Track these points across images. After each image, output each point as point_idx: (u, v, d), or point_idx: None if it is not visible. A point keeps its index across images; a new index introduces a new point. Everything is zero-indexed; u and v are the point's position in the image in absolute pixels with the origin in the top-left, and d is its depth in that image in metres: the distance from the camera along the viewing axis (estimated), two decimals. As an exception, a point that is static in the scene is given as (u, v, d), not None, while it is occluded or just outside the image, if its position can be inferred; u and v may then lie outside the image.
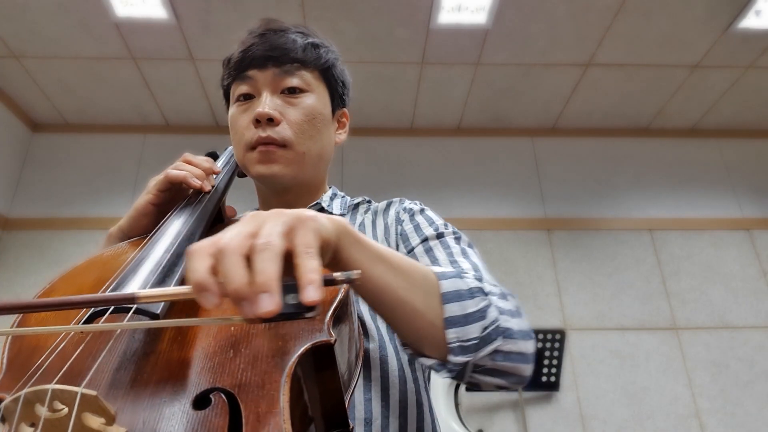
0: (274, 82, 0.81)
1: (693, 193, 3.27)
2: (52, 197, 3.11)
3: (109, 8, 2.51)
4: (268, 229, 0.41)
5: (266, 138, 0.78)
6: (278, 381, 0.43)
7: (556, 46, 2.79)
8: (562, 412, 2.67)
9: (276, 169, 0.80)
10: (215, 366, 0.45)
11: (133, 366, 0.45)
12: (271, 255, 0.39)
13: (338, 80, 0.89)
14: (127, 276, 0.53)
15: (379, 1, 2.53)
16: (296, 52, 0.82)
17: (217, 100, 3.14)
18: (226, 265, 0.38)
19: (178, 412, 0.41)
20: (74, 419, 0.33)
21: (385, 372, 0.70)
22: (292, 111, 0.81)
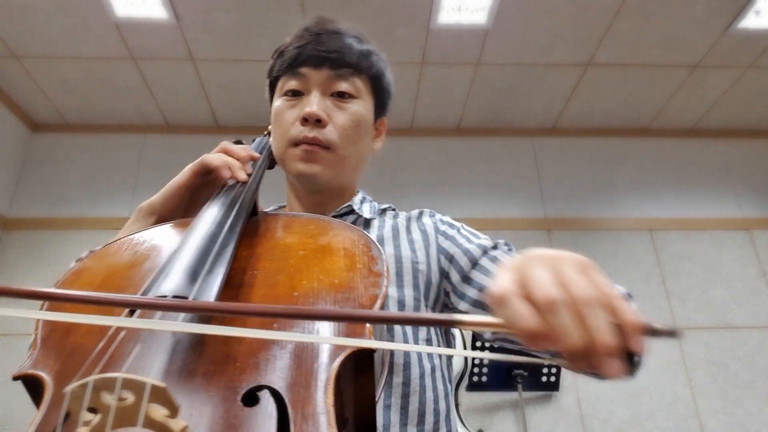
0: (326, 84, 0.82)
1: (693, 193, 3.27)
2: (51, 197, 3.11)
3: (109, 8, 2.51)
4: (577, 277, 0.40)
5: (312, 138, 0.79)
6: (322, 383, 0.43)
7: (556, 46, 2.79)
8: (562, 412, 2.67)
9: (317, 170, 0.81)
10: (260, 362, 0.45)
11: (181, 357, 0.45)
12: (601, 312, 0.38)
13: (385, 90, 0.91)
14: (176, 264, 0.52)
15: (379, 1, 2.53)
16: (352, 57, 0.84)
17: (217, 100, 3.15)
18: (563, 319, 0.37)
19: (226, 407, 0.40)
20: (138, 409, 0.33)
21: (408, 378, 0.70)
22: (339, 115, 0.82)
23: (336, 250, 0.60)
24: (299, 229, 0.66)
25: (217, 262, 0.53)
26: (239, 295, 0.54)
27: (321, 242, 0.62)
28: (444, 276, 0.79)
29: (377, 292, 0.53)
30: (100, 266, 0.61)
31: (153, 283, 0.50)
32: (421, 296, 0.76)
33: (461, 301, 0.76)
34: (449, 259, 0.80)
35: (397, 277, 0.77)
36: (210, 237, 0.58)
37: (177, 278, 0.50)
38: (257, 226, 0.68)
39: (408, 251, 0.80)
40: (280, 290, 0.54)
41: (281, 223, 0.69)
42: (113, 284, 0.57)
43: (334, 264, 0.58)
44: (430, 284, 0.78)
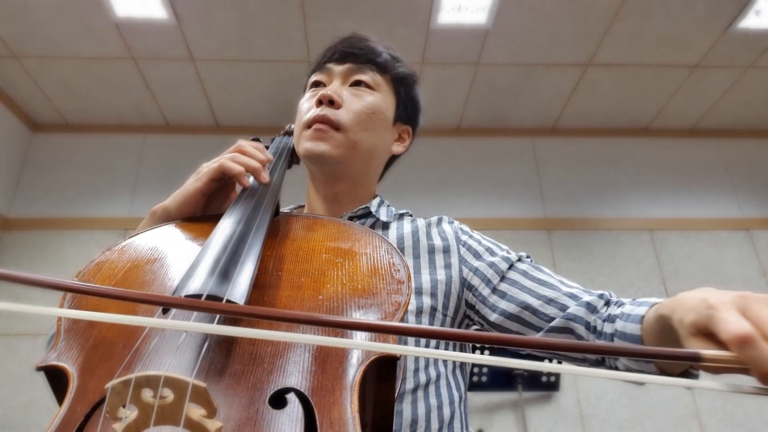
0: (346, 74, 0.86)
1: (693, 193, 3.27)
2: (51, 197, 3.11)
3: (109, 8, 2.51)
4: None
5: (322, 117, 0.80)
6: (347, 387, 0.43)
7: (556, 46, 2.79)
8: (562, 412, 2.67)
9: (323, 148, 0.80)
10: (287, 365, 0.45)
11: (209, 356, 0.45)
12: None
13: (408, 95, 0.93)
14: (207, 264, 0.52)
15: (379, 1, 2.53)
16: (375, 56, 0.87)
17: (217, 100, 3.15)
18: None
19: (254, 408, 0.41)
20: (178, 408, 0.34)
21: (416, 385, 0.71)
22: (355, 100, 0.84)
23: (358, 255, 0.60)
24: (322, 232, 0.67)
25: (246, 262, 0.54)
26: (265, 296, 0.54)
27: (343, 246, 0.63)
28: (467, 287, 0.79)
29: (400, 300, 0.53)
30: (121, 260, 0.61)
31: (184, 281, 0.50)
32: (439, 305, 0.77)
33: (493, 313, 0.76)
34: (473, 271, 0.79)
35: (415, 283, 0.77)
36: (239, 237, 0.58)
37: (207, 277, 0.50)
38: (279, 227, 0.69)
39: (427, 260, 0.80)
40: (305, 293, 0.54)
41: (303, 225, 0.70)
42: (136, 279, 0.57)
43: (357, 269, 0.58)
44: (450, 294, 0.78)
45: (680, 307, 0.49)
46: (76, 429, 0.40)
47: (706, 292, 0.46)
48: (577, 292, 0.74)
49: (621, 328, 0.66)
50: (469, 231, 0.87)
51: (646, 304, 0.65)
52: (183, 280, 0.50)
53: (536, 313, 0.74)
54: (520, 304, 0.75)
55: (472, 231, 0.87)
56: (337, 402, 0.42)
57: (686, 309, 0.47)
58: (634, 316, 0.64)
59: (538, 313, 0.74)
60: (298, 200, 0.98)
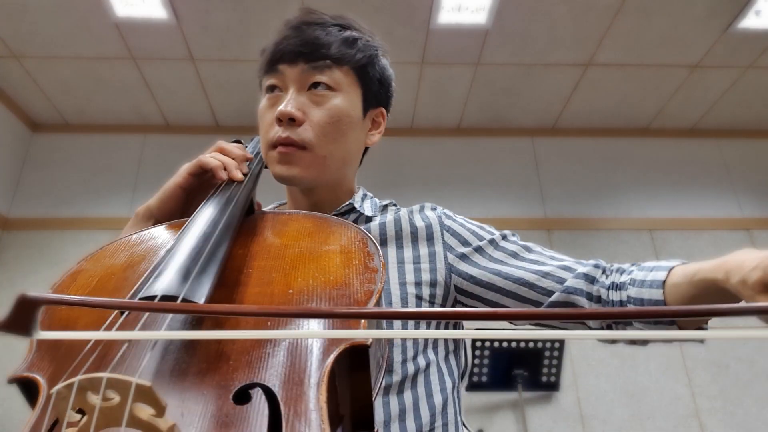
0: (302, 79, 0.78)
1: (693, 193, 3.27)
2: (51, 197, 3.11)
3: (109, 8, 2.51)
4: None
5: (286, 139, 0.76)
6: (315, 380, 0.43)
7: (556, 46, 2.79)
8: (562, 412, 2.67)
9: (295, 172, 0.77)
10: (253, 360, 0.45)
11: (173, 356, 0.45)
12: None
13: (374, 79, 0.84)
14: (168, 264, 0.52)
15: (379, 1, 2.53)
16: (329, 48, 0.78)
17: (216, 100, 3.14)
18: None
19: (218, 405, 0.40)
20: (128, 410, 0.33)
21: (404, 376, 0.70)
22: (316, 112, 0.78)
23: (332, 248, 0.60)
24: (296, 227, 0.66)
25: (210, 262, 0.53)
26: (234, 294, 0.54)
27: (317, 240, 0.62)
28: (455, 273, 0.78)
29: (372, 288, 0.53)
30: (96, 268, 0.61)
31: (145, 283, 0.50)
32: (425, 294, 0.76)
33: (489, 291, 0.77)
34: (459, 257, 0.79)
35: (399, 275, 0.76)
36: (204, 236, 0.58)
37: (169, 278, 0.50)
38: (254, 224, 0.68)
39: (410, 249, 0.80)
40: (275, 288, 0.54)
41: (278, 222, 0.69)
42: (109, 286, 0.57)
43: (330, 261, 0.57)
44: (436, 283, 0.77)
45: (737, 269, 0.50)
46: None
47: (757, 252, 0.49)
48: (570, 264, 0.76)
49: (636, 294, 0.66)
50: (452, 215, 0.86)
51: (660, 268, 0.66)
52: (142, 284, 0.50)
53: (533, 287, 0.74)
54: (517, 281, 0.75)
55: (455, 215, 0.86)
56: (304, 394, 0.42)
57: (747, 269, 0.49)
58: (652, 281, 0.64)
59: (536, 288, 0.74)
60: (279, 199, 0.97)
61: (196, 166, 0.75)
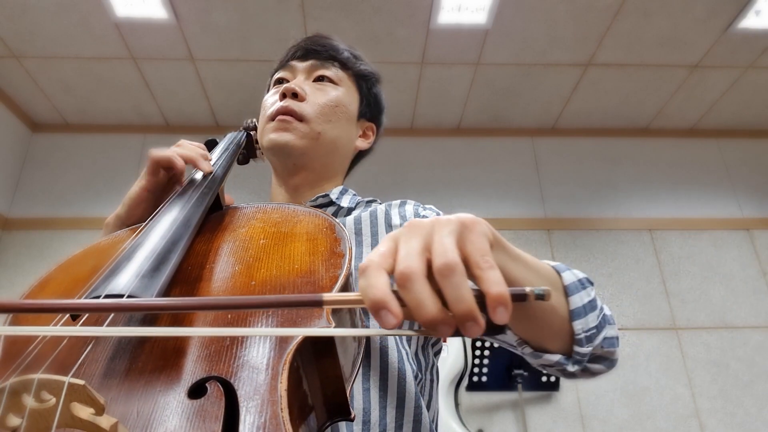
0: (309, 70, 0.88)
1: (693, 193, 3.27)
2: (51, 197, 3.11)
3: (109, 8, 2.51)
4: (442, 242, 0.38)
5: (286, 108, 0.82)
6: (276, 369, 0.42)
7: (556, 46, 2.79)
8: (562, 412, 2.67)
9: (288, 138, 0.81)
10: (211, 354, 0.44)
11: (128, 355, 0.44)
12: (460, 279, 0.36)
13: (371, 92, 0.94)
14: (120, 264, 0.52)
15: (379, 1, 2.53)
16: (337, 53, 0.89)
17: (216, 100, 3.14)
18: (414, 293, 0.36)
19: (173, 401, 0.40)
20: (61, 409, 0.32)
21: (385, 363, 0.69)
22: (318, 93, 0.86)
23: (298, 236, 0.59)
24: (262, 219, 0.65)
25: (165, 259, 0.53)
26: (193, 289, 0.53)
27: (283, 229, 0.61)
28: None
29: (338, 273, 0.52)
30: (64, 276, 0.60)
31: (96, 284, 0.49)
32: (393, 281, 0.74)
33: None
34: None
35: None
36: (160, 234, 0.57)
37: (119, 277, 0.49)
38: (220, 220, 0.68)
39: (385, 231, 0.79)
40: (237, 280, 0.53)
41: (244, 215, 0.68)
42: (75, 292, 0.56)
43: (295, 249, 0.57)
44: None
45: None
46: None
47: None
48: None
49: None
50: (432, 208, 0.85)
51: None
52: (92, 285, 0.50)
53: None
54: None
55: (437, 210, 0.84)
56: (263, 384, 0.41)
57: None
58: None
59: None
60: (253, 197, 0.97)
61: (151, 165, 0.74)
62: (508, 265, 0.50)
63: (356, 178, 0.99)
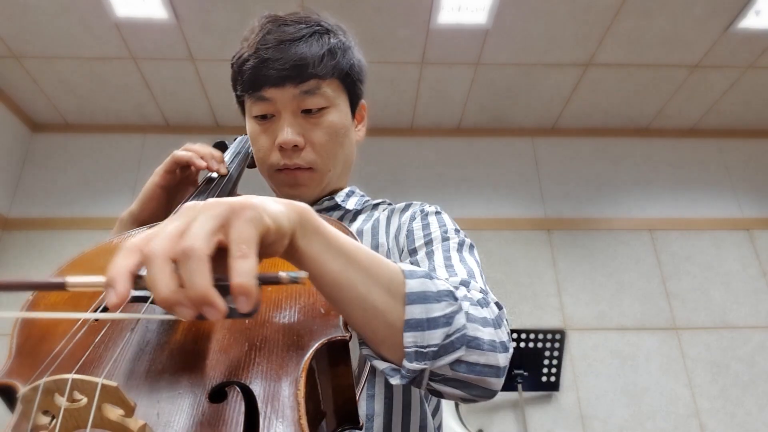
0: (294, 102, 0.77)
1: (693, 193, 3.27)
2: (51, 197, 3.11)
3: (109, 8, 2.51)
4: (196, 228, 0.38)
5: (293, 165, 0.79)
6: (294, 376, 0.43)
7: (556, 46, 2.79)
8: (562, 412, 2.67)
9: (303, 191, 0.82)
10: (230, 359, 0.45)
11: (148, 357, 0.45)
12: (196, 264, 0.36)
13: (355, 79, 0.85)
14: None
15: (379, 1, 2.53)
16: (314, 67, 0.76)
17: (217, 100, 3.14)
18: (150, 272, 0.37)
19: (194, 405, 0.40)
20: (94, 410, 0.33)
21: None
22: (315, 132, 0.79)
23: None
24: None
25: None
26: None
27: None
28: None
29: None
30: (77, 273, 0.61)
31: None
32: None
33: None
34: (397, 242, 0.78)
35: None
36: None
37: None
38: None
39: (384, 240, 0.79)
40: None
41: None
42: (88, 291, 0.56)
43: None
44: None
45: None
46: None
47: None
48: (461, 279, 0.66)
49: None
50: (426, 211, 0.81)
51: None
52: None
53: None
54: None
55: (431, 212, 0.81)
56: (281, 391, 0.42)
57: None
58: None
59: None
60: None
61: (171, 163, 0.77)
62: (322, 257, 0.47)
63: (356, 179, 0.99)
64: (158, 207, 0.77)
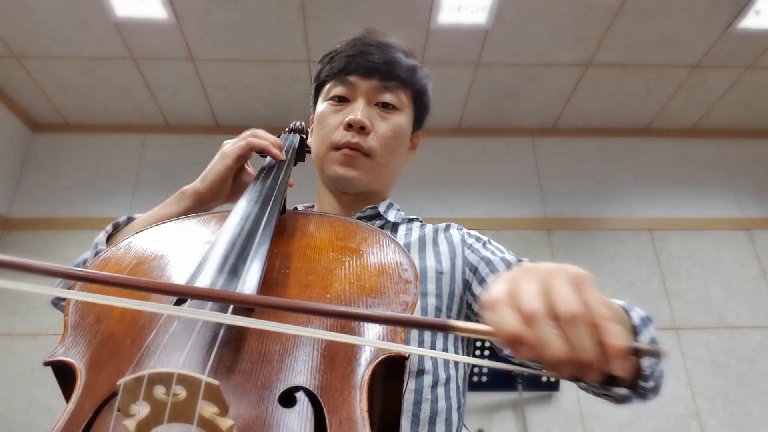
0: (372, 93, 0.85)
1: (693, 193, 3.27)
2: (52, 197, 3.11)
3: (109, 8, 2.51)
4: (563, 291, 0.40)
5: (355, 144, 0.82)
6: (356, 387, 0.43)
7: (556, 46, 2.79)
8: (562, 412, 2.67)
9: (354, 174, 0.83)
10: (296, 364, 0.45)
11: (218, 353, 0.45)
12: (584, 329, 0.38)
13: (425, 105, 0.93)
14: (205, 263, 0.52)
15: (379, 1, 2.53)
16: (400, 71, 0.86)
17: (217, 100, 3.14)
18: (542, 332, 0.38)
19: (265, 407, 0.41)
20: (189, 405, 0.34)
21: (420, 386, 0.70)
22: (382, 124, 0.85)
23: (366, 254, 0.60)
24: (329, 231, 0.66)
25: (255, 259, 0.53)
26: (273, 294, 0.54)
27: (351, 245, 0.62)
28: (467, 287, 0.79)
29: (408, 300, 0.53)
30: (128, 256, 0.60)
31: (193, 279, 0.50)
32: (443, 306, 0.77)
33: (475, 304, 0.76)
34: (473, 271, 0.80)
35: (421, 285, 0.77)
36: (247, 233, 0.58)
37: (216, 275, 0.50)
38: (286, 224, 0.69)
39: (433, 261, 0.81)
40: (313, 291, 0.54)
41: (310, 223, 0.69)
42: (142, 276, 0.57)
43: (365, 268, 0.58)
44: (453, 295, 0.78)
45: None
46: (85, 425, 0.40)
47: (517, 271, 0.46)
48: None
49: None
50: (477, 235, 0.87)
51: None
52: (191, 278, 0.50)
53: None
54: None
55: (480, 236, 0.87)
56: (346, 401, 0.42)
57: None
58: None
59: None
60: (306, 198, 0.98)
61: (245, 147, 0.79)
62: None
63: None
64: (223, 188, 0.80)
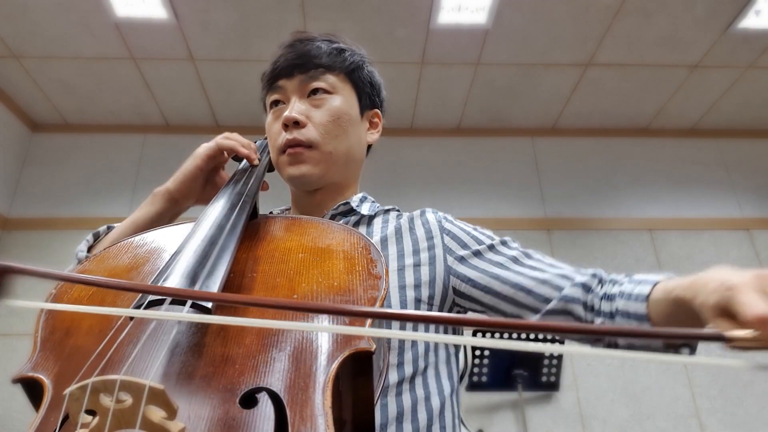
0: (301, 88, 0.85)
1: (693, 193, 3.27)
2: (51, 197, 3.11)
3: (109, 8, 2.51)
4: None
5: (293, 140, 0.82)
6: (320, 385, 0.43)
7: (556, 46, 2.79)
8: (562, 412, 2.67)
9: (304, 170, 0.83)
10: (259, 365, 0.45)
11: (179, 359, 0.45)
12: None
13: (365, 81, 0.92)
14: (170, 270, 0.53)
15: (379, 1, 2.53)
16: (320, 58, 0.86)
17: (216, 100, 3.15)
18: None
19: (226, 409, 0.41)
20: (135, 411, 0.34)
21: (401, 377, 0.71)
22: (317, 113, 0.84)
23: (335, 253, 0.60)
24: (298, 232, 0.67)
25: (216, 265, 0.54)
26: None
27: (320, 245, 0.62)
28: (454, 275, 0.79)
29: (376, 295, 0.53)
30: (100, 269, 0.61)
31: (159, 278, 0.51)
32: (424, 296, 0.76)
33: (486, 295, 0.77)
34: (458, 260, 0.80)
35: (399, 278, 0.77)
36: (210, 240, 0.58)
37: (176, 281, 0.50)
38: (257, 228, 0.69)
39: (410, 252, 0.80)
40: (279, 293, 0.54)
41: (280, 226, 0.69)
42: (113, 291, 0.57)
43: (333, 267, 0.58)
44: (435, 284, 0.78)
45: (702, 290, 0.51)
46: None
47: (724, 273, 0.48)
48: (568, 272, 0.76)
49: (623, 307, 0.68)
50: (452, 220, 0.87)
51: (646, 282, 0.68)
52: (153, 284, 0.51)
53: (531, 294, 0.74)
54: (515, 286, 0.76)
55: (455, 220, 0.87)
56: (309, 399, 0.42)
57: (708, 292, 0.49)
58: (637, 295, 0.67)
59: (533, 294, 0.74)
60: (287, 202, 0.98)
61: (215, 148, 0.81)
62: None
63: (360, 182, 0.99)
64: (194, 188, 0.82)
